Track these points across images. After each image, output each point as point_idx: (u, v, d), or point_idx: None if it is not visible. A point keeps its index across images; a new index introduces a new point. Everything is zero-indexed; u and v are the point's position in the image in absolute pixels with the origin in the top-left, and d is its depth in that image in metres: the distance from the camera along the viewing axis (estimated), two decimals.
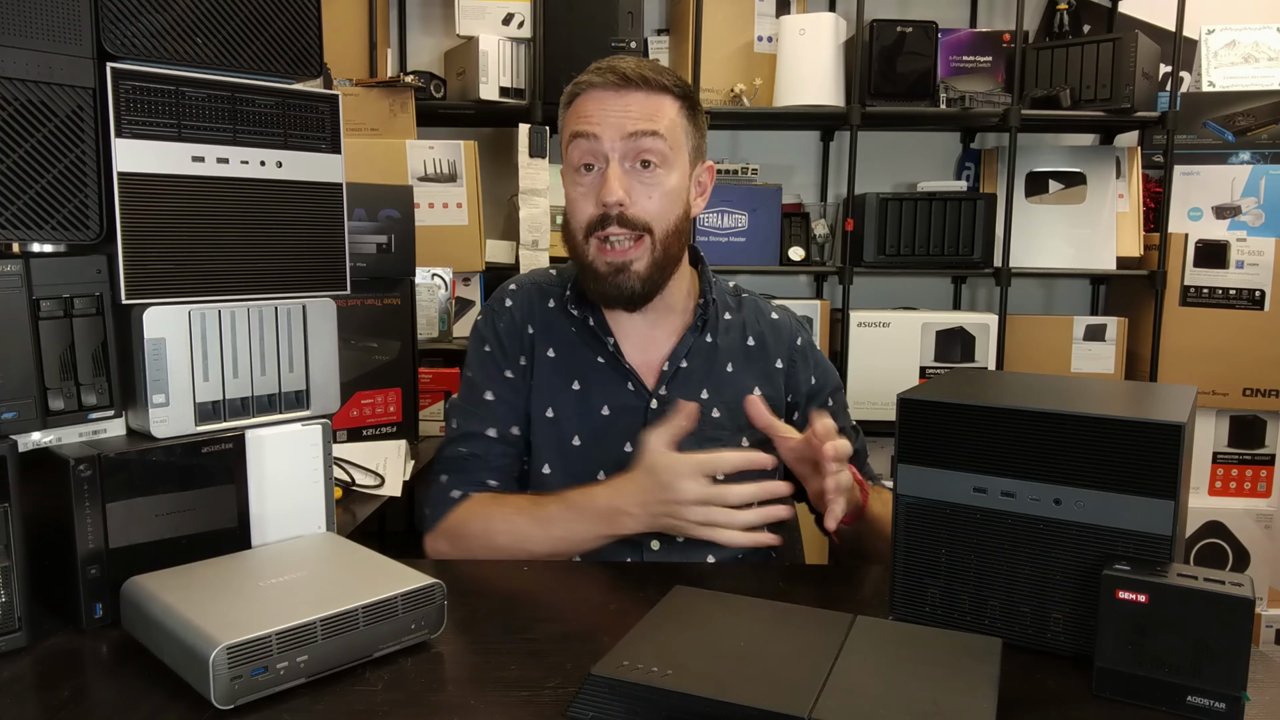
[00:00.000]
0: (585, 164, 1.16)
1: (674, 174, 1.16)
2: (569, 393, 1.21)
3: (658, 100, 1.15)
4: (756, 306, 1.32)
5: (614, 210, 1.13)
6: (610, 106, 1.14)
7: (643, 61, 1.17)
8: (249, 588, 0.85)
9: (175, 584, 0.85)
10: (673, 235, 1.17)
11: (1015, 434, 0.83)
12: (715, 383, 1.23)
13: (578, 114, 1.16)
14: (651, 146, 1.14)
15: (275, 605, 0.81)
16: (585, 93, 1.16)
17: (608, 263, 1.15)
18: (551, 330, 1.24)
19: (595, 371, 1.22)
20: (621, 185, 1.13)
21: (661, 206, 1.15)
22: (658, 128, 1.14)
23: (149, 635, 0.82)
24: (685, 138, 1.18)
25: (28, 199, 0.85)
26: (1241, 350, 2.46)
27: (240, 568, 0.90)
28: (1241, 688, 0.71)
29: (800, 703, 0.66)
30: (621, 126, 1.13)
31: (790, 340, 1.29)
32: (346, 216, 1.04)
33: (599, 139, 1.13)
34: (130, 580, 0.85)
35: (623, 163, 1.14)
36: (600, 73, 1.15)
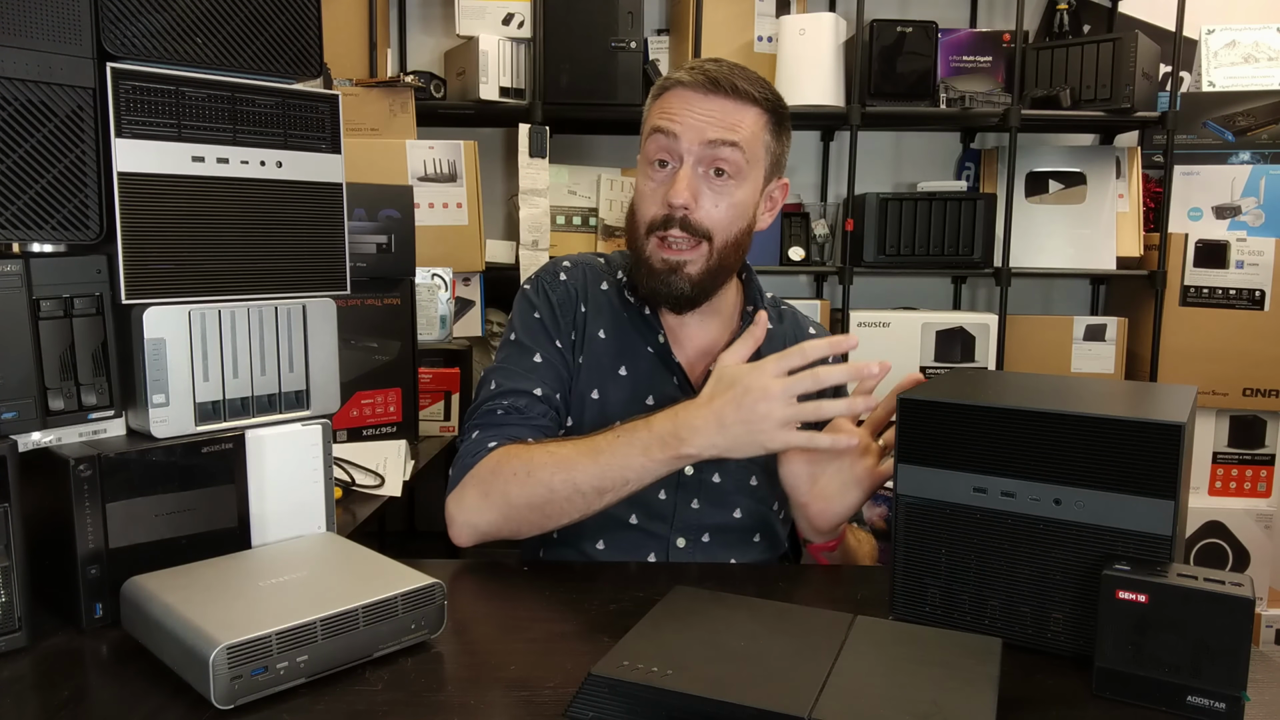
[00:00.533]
0: (660, 160, 1.15)
1: (745, 186, 1.16)
2: (617, 378, 1.21)
3: (743, 110, 1.14)
4: (796, 321, 1.33)
5: (678, 213, 1.13)
6: (695, 108, 1.13)
7: (736, 68, 1.16)
8: (249, 588, 0.85)
9: (175, 584, 0.85)
10: (731, 246, 1.16)
11: (1015, 434, 0.83)
12: None
13: (661, 109, 1.16)
14: (728, 156, 1.13)
15: (275, 605, 0.81)
16: (673, 89, 1.16)
17: (664, 259, 1.15)
18: (603, 312, 1.23)
19: (644, 360, 1.21)
20: (690, 189, 1.12)
21: (727, 216, 1.15)
22: (737, 138, 1.12)
23: (149, 635, 0.82)
24: (764, 152, 1.17)
25: (28, 199, 0.85)
26: (1241, 350, 2.46)
27: (240, 568, 0.90)
28: (1241, 688, 0.71)
29: (800, 703, 0.66)
30: (702, 131, 1.12)
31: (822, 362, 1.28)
32: (346, 216, 1.04)
33: (677, 138, 1.13)
34: (130, 580, 0.85)
35: (696, 167, 1.13)
36: (691, 72, 1.14)
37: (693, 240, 1.14)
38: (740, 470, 1.20)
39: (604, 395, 1.20)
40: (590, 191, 2.54)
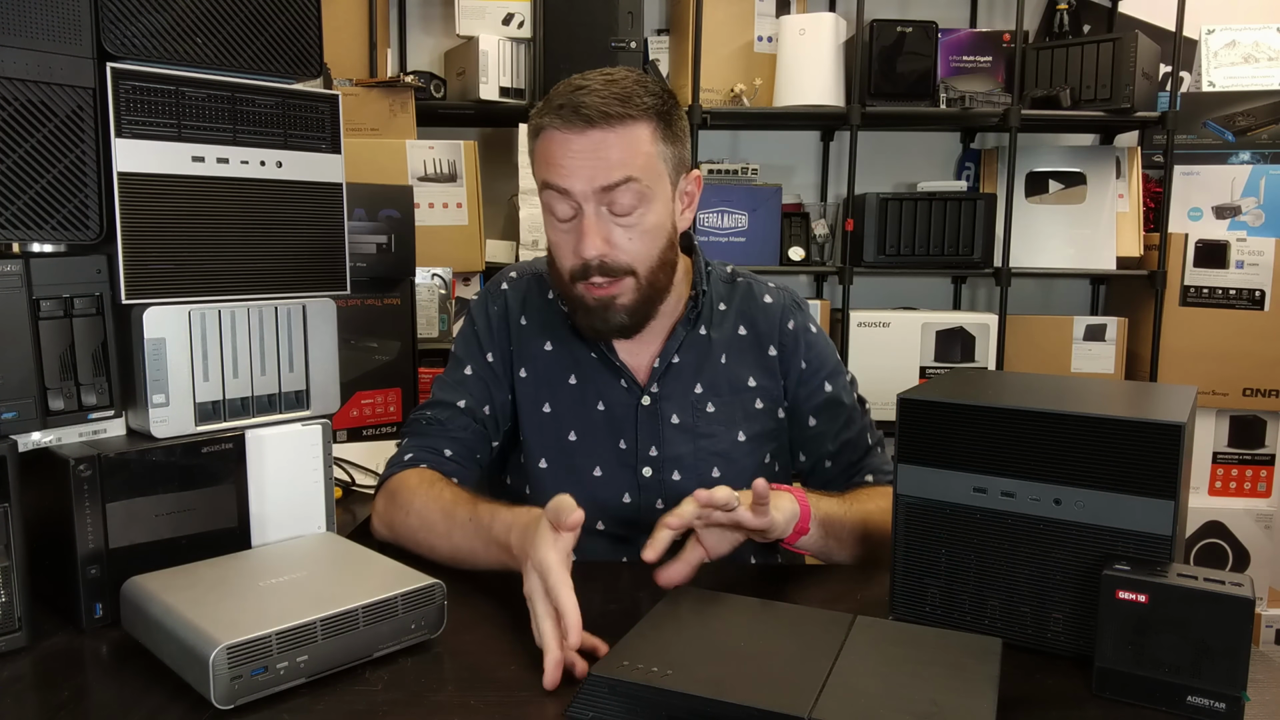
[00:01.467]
0: (559, 212, 1.10)
1: (654, 208, 1.10)
2: (567, 387, 1.20)
3: (627, 134, 1.07)
4: (749, 291, 1.27)
5: (594, 262, 1.09)
6: (578, 152, 1.06)
7: (606, 88, 1.07)
8: (249, 588, 0.85)
9: (175, 584, 0.85)
10: (659, 268, 1.13)
11: (1015, 434, 0.83)
12: (710, 377, 1.21)
13: (545, 160, 1.09)
14: (627, 191, 1.07)
15: (275, 605, 0.81)
16: (545, 133, 1.09)
17: (596, 298, 1.12)
18: (550, 323, 1.22)
19: (589, 366, 1.20)
20: (599, 235, 1.08)
21: (644, 246, 1.11)
22: (630, 172, 1.06)
23: (149, 635, 0.82)
24: (664, 162, 1.11)
25: (28, 199, 0.85)
26: (1241, 350, 2.46)
27: (240, 568, 0.90)
28: (1241, 688, 0.71)
29: (800, 703, 0.66)
30: (592, 179, 1.06)
31: (781, 323, 1.25)
32: (346, 216, 1.04)
33: (568, 192, 1.07)
34: (130, 580, 0.85)
35: (598, 209, 1.08)
36: (561, 112, 1.06)
37: (616, 279, 1.10)
38: (700, 463, 1.19)
39: (556, 407, 1.20)
40: None
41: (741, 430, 1.21)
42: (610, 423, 1.19)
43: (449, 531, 1.03)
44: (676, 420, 1.19)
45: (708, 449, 1.19)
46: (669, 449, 1.19)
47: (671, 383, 1.20)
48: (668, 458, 1.19)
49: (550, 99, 1.09)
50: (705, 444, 1.19)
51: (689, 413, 1.20)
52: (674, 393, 1.20)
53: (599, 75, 1.09)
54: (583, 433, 1.19)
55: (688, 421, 1.20)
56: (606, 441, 1.19)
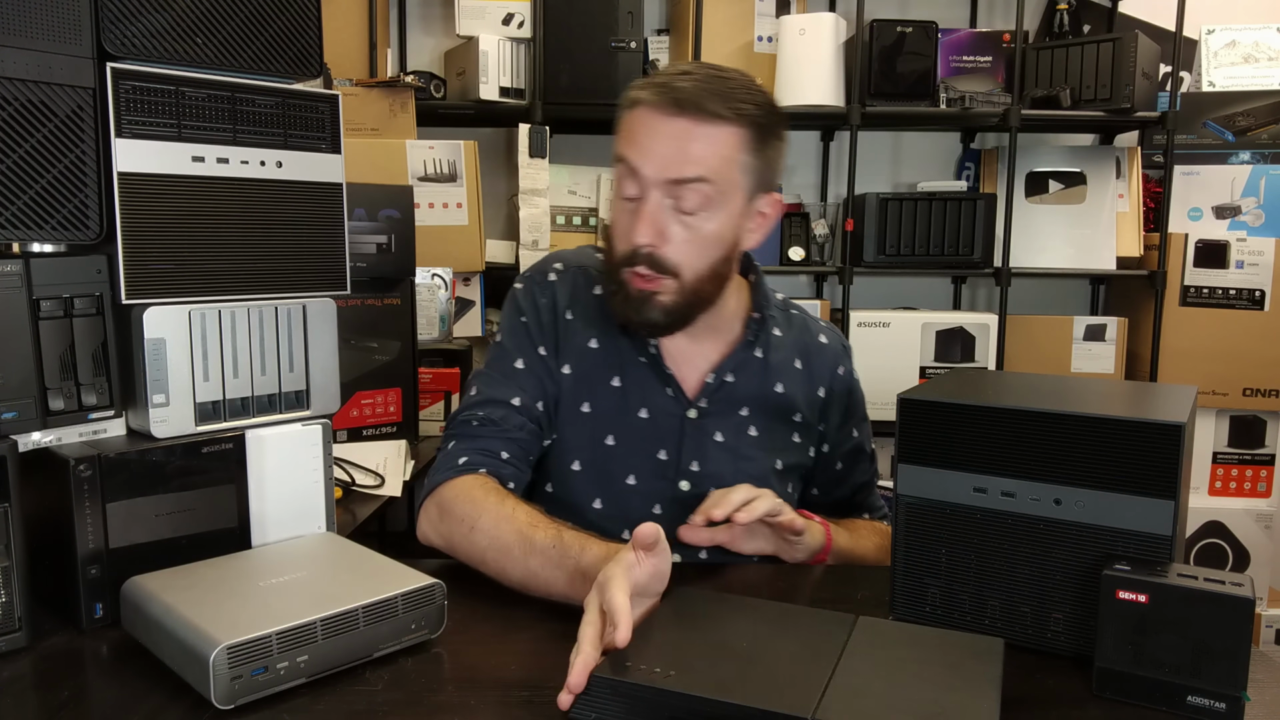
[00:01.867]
0: (626, 190, 1.08)
1: (719, 216, 1.07)
2: (609, 388, 1.16)
3: (714, 132, 1.03)
4: (805, 325, 1.27)
5: (643, 250, 1.06)
6: (658, 134, 1.04)
7: (711, 80, 1.05)
8: (249, 588, 0.85)
9: (175, 584, 0.85)
10: (706, 278, 1.10)
11: (1015, 434, 0.83)
12: (760, 401, 1.19)
13: (627, 133, 1.07)
14: (695, 191, 1.04)
15: (275, 605, 0.81)
16: (636, 109, 1.06)
17: (637, 290, 1.09)
18: (596, 319, 1.17)
19: (636, 369, 1.16)
20: (654, 226, 1.05)
21: (696, 251, 1.08)
22: (704, 172, 1.03)
23: (149, 635, 0.82)
24: (743, 174, 1.07)
25: (28, 199, 0.85)
26: (1241, 350, 2.46)
27: (240, 568, 0.90)
28: (1241, 688, 0.71)
29: (803, 704, 0.66)
30: (663, 166, 1.04)
31: (834, 368, 1.25)
32: (346, 216, 1.04)
33: (638, 171, 1.05)
34: (130, 580, 0.85)
35: (662, 200, 1.05)
36: (659, 90, 1.04)
37: (661, 276, 1.08)
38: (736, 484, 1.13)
39: (595, 408, 1.16)
40: (590, 191, 2.54)
41: (779, 459, 1.20)
42: (652, 431, 1.15)
43: (525, 556, 0.96)
44: (720, 438, 1.16)
45: (746, 471, 1.15)
46: (711, 466, 1.15)
47: (722, 400, 1.17)
48: (708, 474, 1.14)
49: (655, 75, 1.08)
50: (745, 466, 1.16)
51: (733, 432, 1.17)
52: (722, 410, 1.17)
53: (709, 66, 1.08)
54: (621, 438, 1.15)
55: (730, 441, 1.17)
56: (644, 450, 1.15)
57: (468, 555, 1.03)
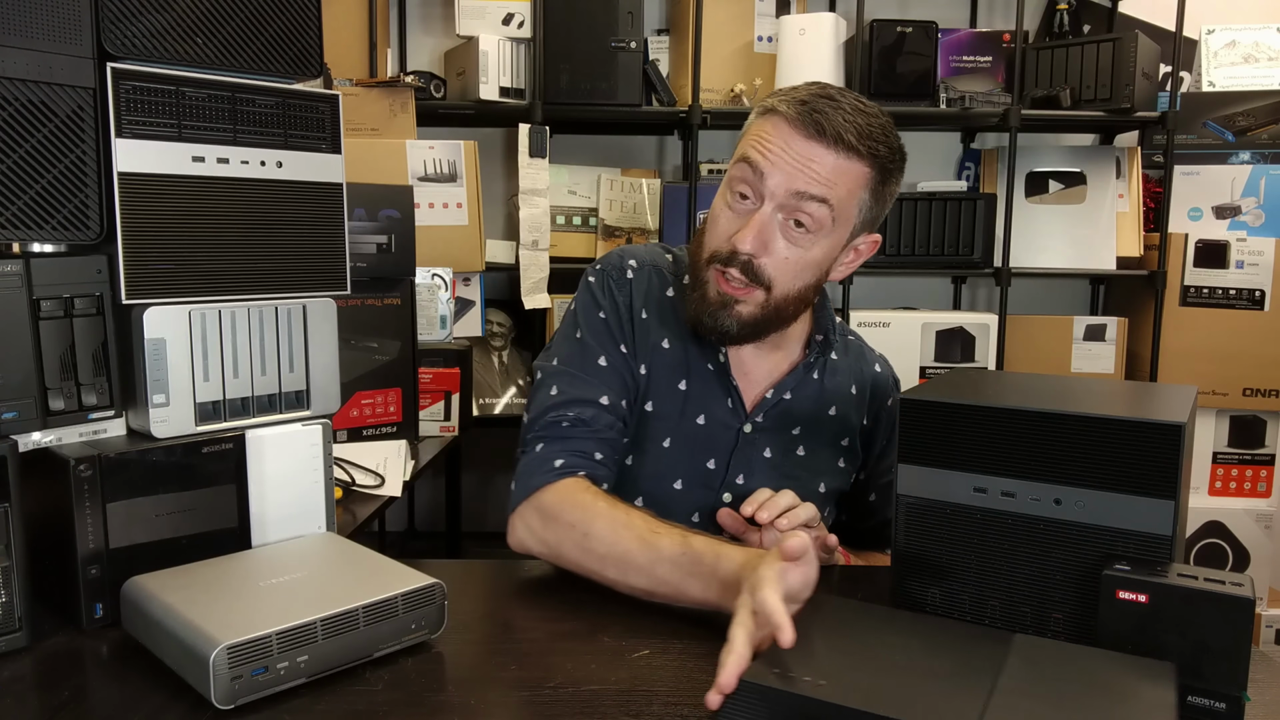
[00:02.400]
0: (741, 191, 1.07)
1: (824, 243, 1.07)
2: (675, 391, 1.15)
3: (845, 164, 1.04)
4: (861, 353, 1.26)
5: (743, 256, 1.05)
6: (792, 148, 1.03)
7: (853, 112, 1.04)
8: (249, 588, 0.85)
9: (175, 584, 0.85)
10: (793, 300, 1.09)
11: (1015, 434, 0.83)
12: (812, 423, 1.18)
13: (757, 137, 1.06)
14: (813, 212, 1.04)
15: (275, 605, 0.81)
16: (773, 117, 1.05)
17: (720, 291, 1.08)
18: (669, 320, 1.16)
19: (703, 376, 1.16)
20: (761, 236, 1.04)
21: (794, 271, 1.07)
22: (828, 195, 1.03)
23: (149, 635, 0.82)
24: (858, 211, 1.07)
25: (28, 199, 0.85)
26: (1241, 350, 2.46)
27: (240, 568, 0.90)
28: (1242, 688, 0.71)
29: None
30: (791, 178, 1.03)
31: (884, 399, 1.25)
32: (346, 216, 1.04)
33: (763, 176, 1.04)
34: (130, 580, 0.85)
35: (776, 212, 1.05)
36: (800, 107, 1.03)
37: (751, 286, 1.07)
38: None
39: (657, 408, 1.15)
40: (590, 191, 2.54)
41: (824, 482, 1.19)
42: (705, 439, 1.15)
43: (652, 565, 0.94)
44: (769, 455, 1.16)
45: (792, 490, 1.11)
46: (756, 481, 1.14)
47: (777, 418, 1.17)
48: (751, 490, 1.11)
49: (796, 90, 1.06)
50: (789, 485, 1.12)
51: (781, 451, 1.17)
52: (775, 427, 1.17)
53: (855, 99, 1.06)
54: (676, 442, 1.15)
55: (778, 459, 1.17)
56: (695, 457, 1.15)
57: (580, 563, 0.99)
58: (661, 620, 0.92)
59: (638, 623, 0.91)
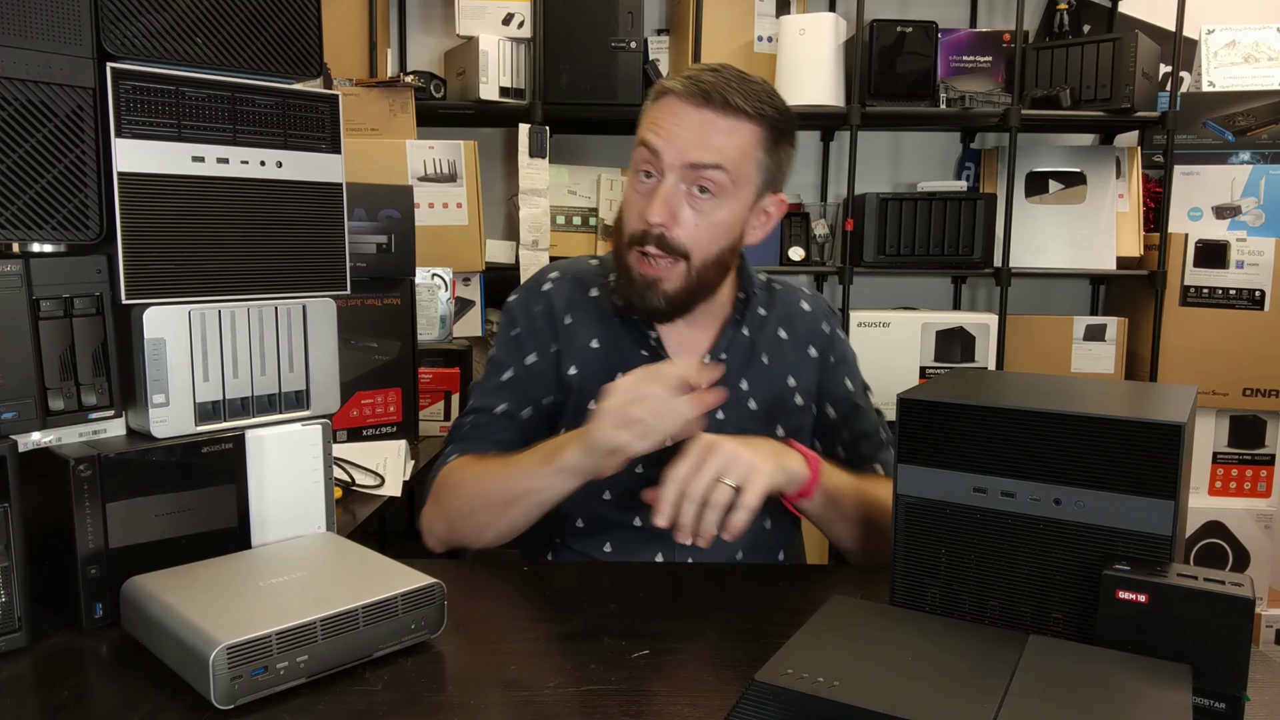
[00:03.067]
0: (645, 171, 1.13)
1: (730, 205, 1.13)
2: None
3: (735, 126, 1.10)
4: (788, 297, 1.31)
5: (655, 230, 1.11)
6: (683, 121, 1.10)
7: (737, 78, 1.11)
8: (249, 588, 0.85)
9: (175, 584, 0.85)
10: (713, 265, 1.15)
11: (1015, 434, 0.83)
12: (753, 374, 1.23)
13: (652, 120, 1.13)
14: (711, 178, 1.10)
15: (275, 605, 0.81)
16: (664, 97, 1.13)
17: (642, 274, 1.14)
18: (594, 320, 1.23)
19: (638, 363, 1.17)
20: (668, 207, 1.10)
21: (707, 235, 1.13)
22: (721, 160, 1.09)
23: (149, 635, 0.82)
24: (757, 171, 1.14)
25: (28, 199, 0.85)
26: (1241, 350, 2.46)
27: (240, 568, 0.90)
28: (1241, 688, 0.71)
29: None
30: (684, 150, 1.09)
31: (818, 326, 1.30)
32: (346, 216, 1.04)
33: (659, 154, 1.10)
34: (130, 580, 0.85)
35: (678, 184, 1.11)
36: (686, 81, 1.11)
37: (670, 258, 1.12)
38: None
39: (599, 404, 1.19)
40: (590, 191, 2.54)
41: (780, 426, 1.23)
42: None
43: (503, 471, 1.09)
44: (722, 416, 1.19)
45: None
46: None
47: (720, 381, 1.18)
48: None
49: (682, 71, 1.14)
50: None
51: (734, 408, 1.20)
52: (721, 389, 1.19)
53: (735, 69, 1.13)
54: None
55: (732, 416, 1.20)
56: None
57: (461, 507, 1.12)
58: (661, 620, 0.92)
59: (638, 623, 0.91)
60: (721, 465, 0.98)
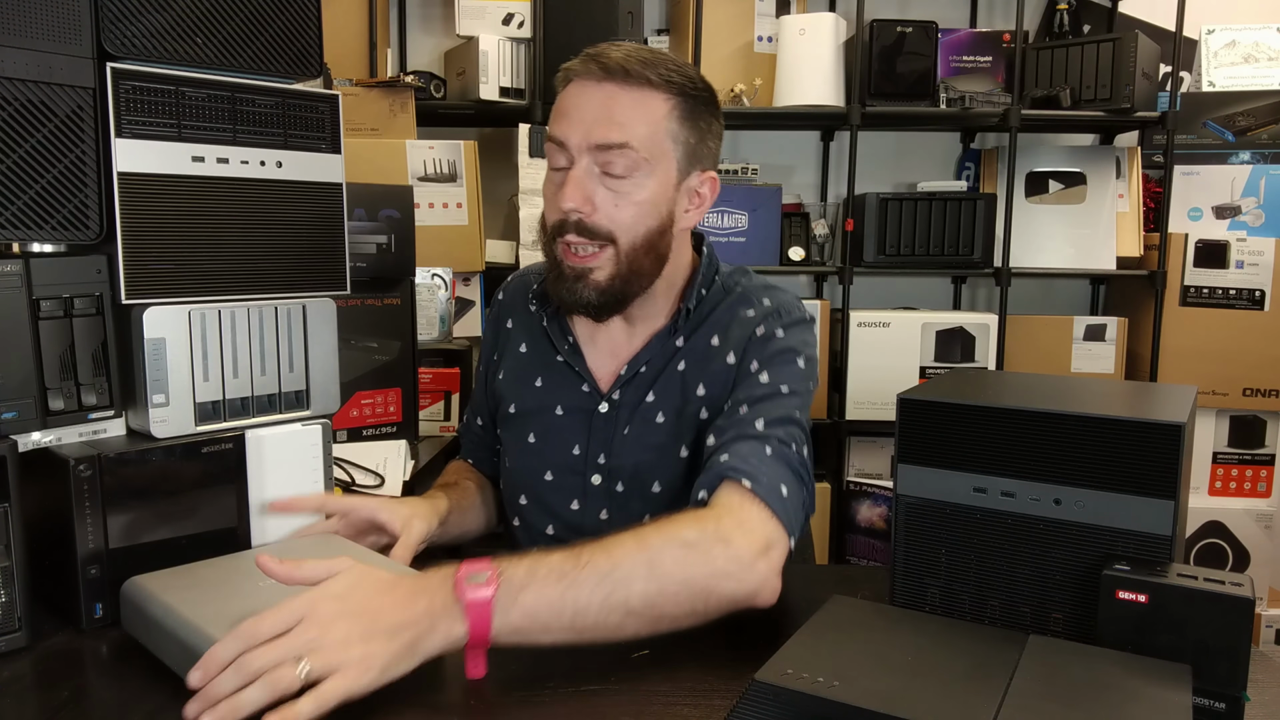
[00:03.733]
0: (555, 163, 1.08)
1: (649, 183, 1.05)
2: (532, 389, 1.19)
3: (640, 99, 1.04)
4: (740, 301, 1.14)
5: (572, 216, 1.05)
6: (586, 103, 1.04)
7: (635, 51, 1.05)
8: (249, 588, 0.85)
9: (175, 584, 0.85)
10: (642, 249, 1.07)
11: (1015, 434, 0.83)
12: (662, 385, 1.13)
13: (556, 110, 1.08)
14: (620, 158, 1.03)
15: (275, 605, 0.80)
16: (566, 86, 1.08)
17: (570, 266, 1.07)
18: (527, 324, 1.22)
19: (555, 369, 1.18)
20: (581, 191, 1.04)
21: (629, 216, 1.05)
22: (627, 138, 1.03)
23: (149, 635, 0.82)
24: (672, 143, 1.06)
25: (28, 199, 0.85)
26: (1241, 350, 2.46)
27: (240, 568, 0.90)
28: (1241, 688, 0.71)
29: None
30: (588, 131, 1.03)
31: (750, 332, 1.11)
32: (346, 216, 1.04)
33: (564, 141, 1.05)
34: (130, 581, 0.85)
35: (590, 166, 1.05)
36: (585, 60, 1.05)
37: (596, 244, 1.05)
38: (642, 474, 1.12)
39: (519, 408, 1.19)
40: None
41: (685, 445, 1.11)
42: (566, 428, 1.16)
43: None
44: (628, 430, 1.13)
45: (651, 461, 1.12)
46: (615, 459, 1.13)
47: (631, 391, 1.14)
48: (614, 467, 1.13)
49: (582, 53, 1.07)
50: (649, 457, 1.12)
51: (639, 422, 1.13)
52: (630, 400, 1.14)
53: (642, 46, 1.09)
54: (540, 435, 1.17)
55: (636, 431, 1.13)
56: (561, 446, 1.16)
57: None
58: None
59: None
60: (307, 644, 0.72)
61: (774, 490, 0.95)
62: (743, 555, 0.88)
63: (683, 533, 0.88)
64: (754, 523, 0.92)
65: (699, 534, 0.88)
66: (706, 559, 0.86)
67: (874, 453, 2.49)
